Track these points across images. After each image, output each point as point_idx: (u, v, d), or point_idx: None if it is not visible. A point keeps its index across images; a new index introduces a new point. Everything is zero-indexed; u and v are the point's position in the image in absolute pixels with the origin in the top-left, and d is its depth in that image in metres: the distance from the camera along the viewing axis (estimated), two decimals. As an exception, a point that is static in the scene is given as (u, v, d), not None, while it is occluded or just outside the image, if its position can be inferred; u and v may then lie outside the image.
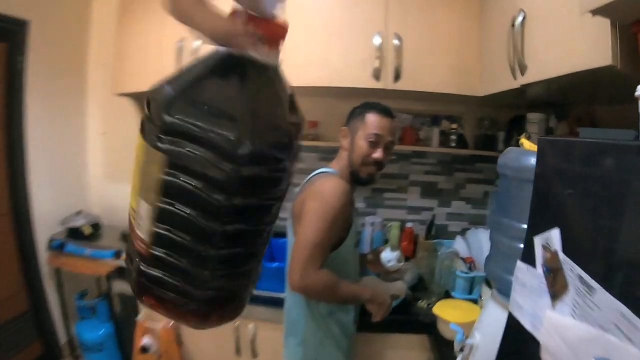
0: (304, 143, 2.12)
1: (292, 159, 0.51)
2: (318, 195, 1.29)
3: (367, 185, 1.47)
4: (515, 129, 1.89)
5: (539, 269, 0.79)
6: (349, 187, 1.35)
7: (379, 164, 1.38)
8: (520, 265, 0.86)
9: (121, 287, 2.01)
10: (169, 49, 1.95)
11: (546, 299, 0.75)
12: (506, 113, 2.11)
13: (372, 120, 1.37)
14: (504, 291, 1.08)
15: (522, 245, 0.89)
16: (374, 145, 1.35)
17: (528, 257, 0.83)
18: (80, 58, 2.55)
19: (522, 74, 1.31)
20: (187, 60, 1.54)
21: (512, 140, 1.91)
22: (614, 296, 0.58)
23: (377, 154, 1.35)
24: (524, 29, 1.29)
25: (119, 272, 2.01)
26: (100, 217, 2.50)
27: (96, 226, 2.40)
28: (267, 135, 0.46)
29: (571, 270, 0.68)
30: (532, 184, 0.90)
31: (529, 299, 0.82)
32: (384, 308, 1.39)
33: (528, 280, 0.83)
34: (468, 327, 1.32)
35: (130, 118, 2.40)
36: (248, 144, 0.43)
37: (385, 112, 1.40)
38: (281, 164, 0.49)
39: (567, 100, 1.70)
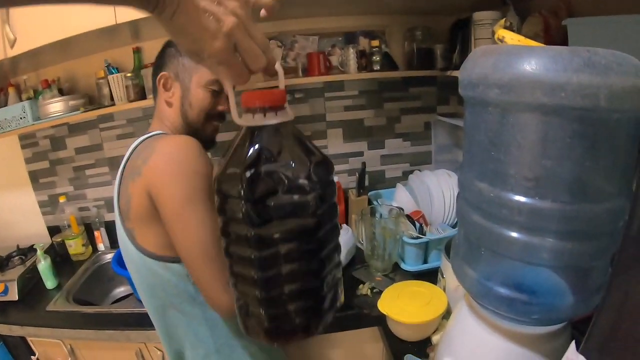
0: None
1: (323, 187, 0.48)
2: (168, 168, 0.82)
3: (213, 146, 1.11)
4: (458, 37, 1.41)
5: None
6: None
7: (222, 116, 1.07)
8: None
9: (7, 330, 1.45)
10: None
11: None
12: (443, 20, 1.61)
13: None
14: (486, 302, 0.65)
15: (515, 234, 0.54)
16: (217, 94, 1.03)
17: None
18: None
19: None
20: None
21: (454, 52, 1.43)
22: None
23: (224, 105, 1.05)
24: None
25: (2, 311, 1.48)
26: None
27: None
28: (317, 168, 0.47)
29: None
30: (541, 114, 0.46)
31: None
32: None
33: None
34: (431, 326, 1.07)
35: None
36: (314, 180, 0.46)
37: None
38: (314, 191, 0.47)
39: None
